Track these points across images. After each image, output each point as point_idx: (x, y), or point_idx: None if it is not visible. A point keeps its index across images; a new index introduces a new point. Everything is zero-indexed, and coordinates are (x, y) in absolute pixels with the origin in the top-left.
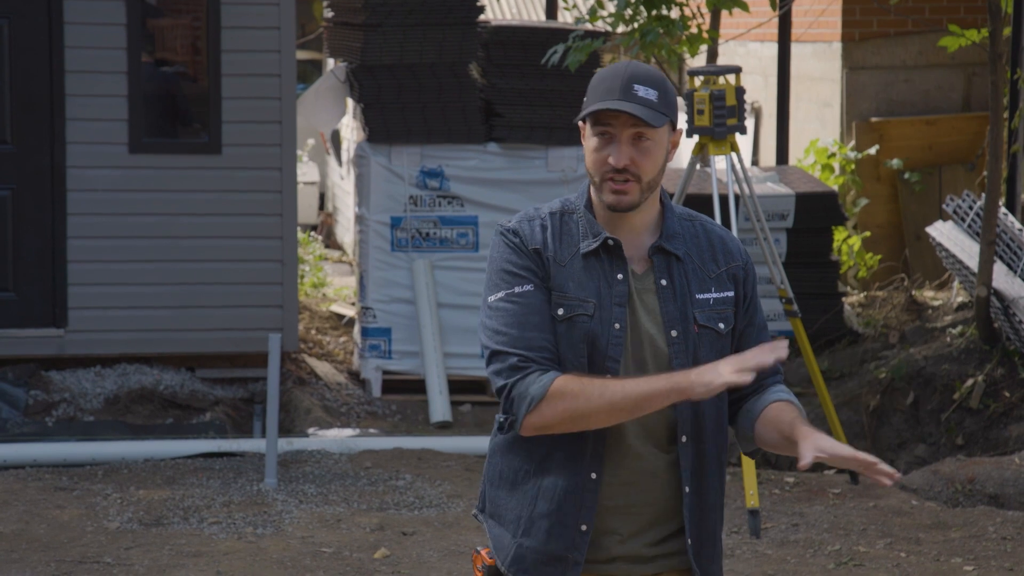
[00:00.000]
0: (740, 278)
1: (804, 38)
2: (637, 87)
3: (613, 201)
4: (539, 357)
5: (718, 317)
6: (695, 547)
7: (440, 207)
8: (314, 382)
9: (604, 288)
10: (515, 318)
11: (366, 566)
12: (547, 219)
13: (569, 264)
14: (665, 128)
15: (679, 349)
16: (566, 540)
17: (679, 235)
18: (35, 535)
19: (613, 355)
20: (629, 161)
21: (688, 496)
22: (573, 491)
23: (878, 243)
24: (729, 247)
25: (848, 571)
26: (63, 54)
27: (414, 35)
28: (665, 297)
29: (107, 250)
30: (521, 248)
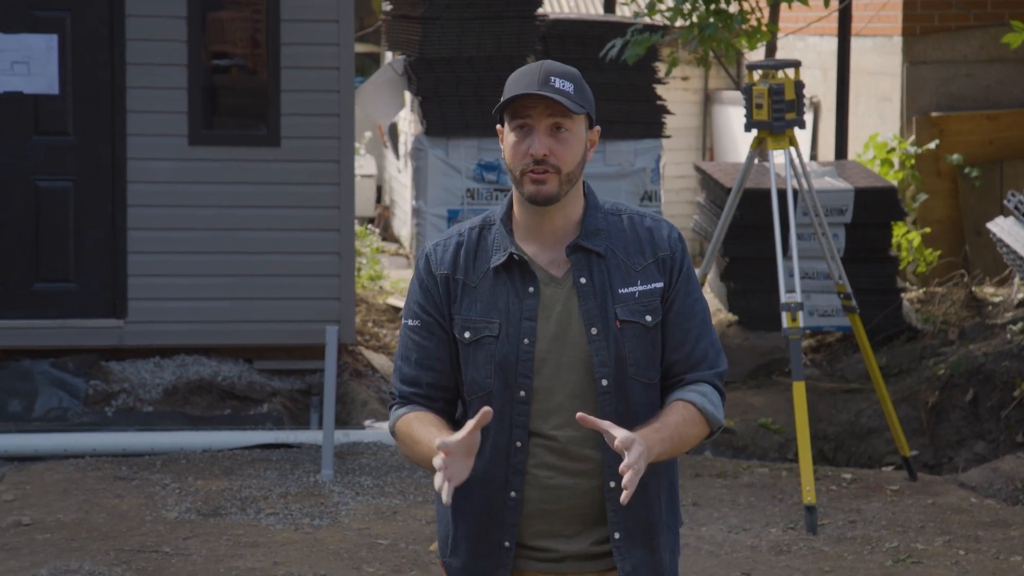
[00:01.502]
0: (667, 267)
1: (864, 32)
2: (554, 79)
3: (533, 191)
4: (405, 391)
5: (644, 310)
6: (625, 539)
7: (497, 200)
8: (371, 374)
9: (514, 304)
10: (402, 350)
11: (421, 558)
12: (465, 236)
13: (480, 283)
14: (583, 122)
15: (599, 346)
16: (491, 558)
17: (601, 231)
18: (95, 524)
19: (524, 371)
20: (548, 151)
21: (611, 490)
22: (492, 512)
23: (938, 239)
24: (655, 237)
25: (906, 568)
26: (124, 46)
27: (472, 28)
28: (585, 295)
29: (166, 241)
30: (426, 275)
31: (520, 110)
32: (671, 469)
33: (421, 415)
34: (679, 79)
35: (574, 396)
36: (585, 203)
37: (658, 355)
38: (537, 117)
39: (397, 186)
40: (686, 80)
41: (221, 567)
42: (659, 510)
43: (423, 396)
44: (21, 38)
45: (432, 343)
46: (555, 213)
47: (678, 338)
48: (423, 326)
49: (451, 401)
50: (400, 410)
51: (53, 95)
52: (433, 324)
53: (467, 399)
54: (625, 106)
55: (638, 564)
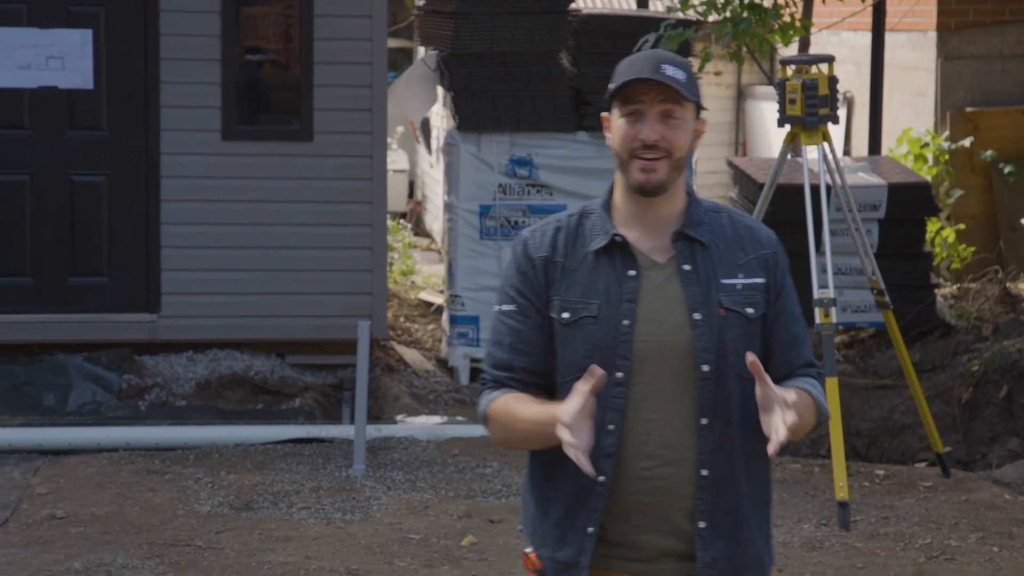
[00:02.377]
0: (771, 265)
1: (898, 27)
2: (666, 66)
3: (642, 180)
4: (498, 375)
5: (746, 302)
6: (709, 531)
7: (529, 196)
8: (402, 369)
9: (614, 286)
10: (495, 335)
11: (453, 553)
12: (564, 221)
13: (579, 267)
14: (692, 110)
15: (702, 332)
16: (573, 545)
17: (704, 224)
18: (128, 517)
19: (622, 353)
20: (659, 136)
21: (703, 478)
22: (579, 497)
23: (972, 234)
24: (757, 236)
25: (939, 565)
26: (158, 41)
27: (504, 23)
28: (688, 282)
29: (199, 236)
30: (523, 259)
31: (632, 96)
32: (767, 474)
33: (516, 395)
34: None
35: (673, 381)
36: (688, 196)
37: (756, 350)
38: (649, 103)
39: (429, 181)
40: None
41: (253, 561)
42: (748, 507)
43: (516, 380)
44: (56, 33)
45: (527, 327)
46: (660, 201)
47: (788, 339)
48: (519, 310)
49: (544, 388)
50: (492, 393)
51: (87, 90)
52: (529, 308)
53: (561, 381)
54: None
55: (719, 556)
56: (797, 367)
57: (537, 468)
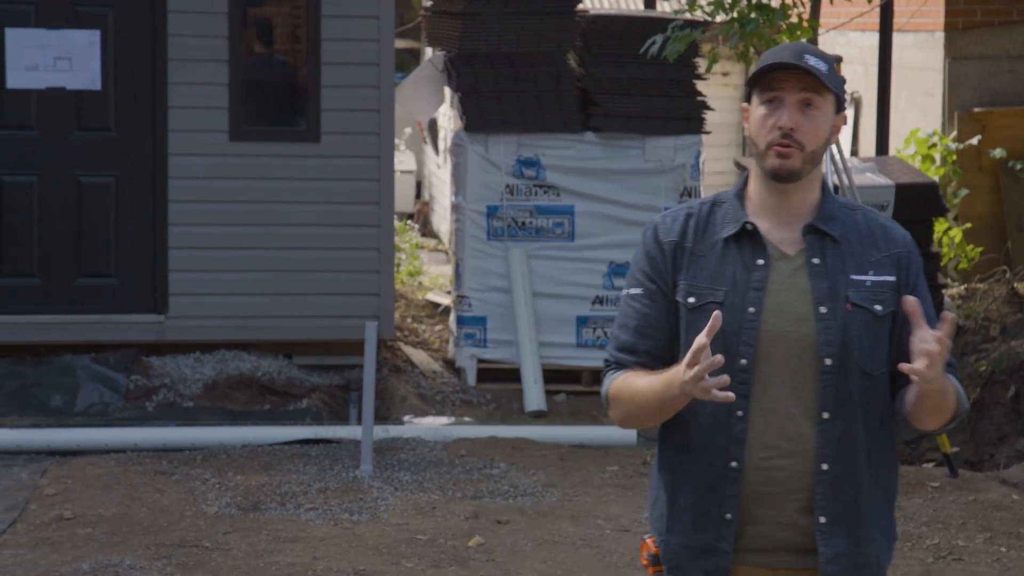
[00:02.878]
0: (903, 264)
1: (906, 27)
2: (808, 56)
3: (776, 165)
4: (622, 358)
5: (874, 299)
6: (830, 527)
7: (536, 196)
8: (409, 370)
9: (741, 274)
10: (621, 318)
11: (460, 554)
12: (696, 209)
13: (709, 253)
14: (832, 102)
15: (827, 325)
16: (712, 530)
17: (837, 219)
18: (136, 518)
19: (747, 340)
20: (795, 125)
21: (823, 473)
22: (714, 483)
23: (979, 235)
24: (891, 234)
25: (947, 565)
26: (166, 42)
27: (512, 24)
28: (816, 275)
29: (207, 237)
30: (653, 244)
31: (772, 83)
32: (891, 474)
33: (636, 371)
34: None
35: (795, 372)
36: (822, 191)
37: (884, 348)
38: (788, 91)
39: (436, 182)
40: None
41: (261, 562)
42: (870, 505)
43: (639, 363)
44: (64, 34)
45: (653, 311)
46: (794, 193)
47: None
48: (646, 293)
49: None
50: (615, 375)
51: (95, 91)
52: (656, 292)
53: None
54: (665, 102)
55: (840, 553)
56: None
57: (666, 456)
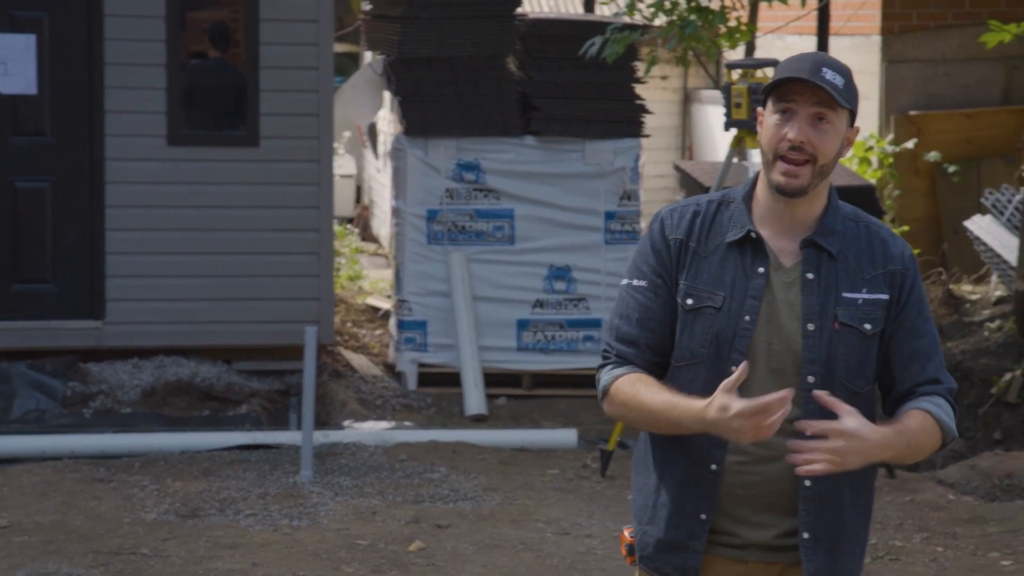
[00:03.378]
0: (897, 282)
1: (843, 31)
2: (826, 70)
3: (783, 183)
4: (623, 350)
5: (864, 318)
6: (811, 542)
7: (476, 200)
8: (350, 375)
9: (740, 280)
10: (622, 308)
11: (401, 558)
12: (703, 207)
13: (711, 255)
14: (845, 116)
15: (813, 343)
16: (686, 529)
17: (837, 233)
18: (73, 526)
19: (739, 347)
20: (806, 139)
21: (807, 489)
22: (693, 483)
23: (916, 237)
24: (890, 250)
25: (884, 565)
26: (103, 46)
27: (451, 28)
28: (809, 291)
29: (145, 242)
30: (659, 238)
31: (786, 94)
32: (871, 490)
33: (644, 377)
34: (658, 78)
35: (779, 385)
36: (828, 202)
37: (872, 366)
38: (802, 104)
39: (376, 186)
40: (665, 79)
41: (200, 569)
42: (851, 520)
43: (640, 357)
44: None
45: (656, 305)
46: (799, 204)
47: (909, 355)
48: (650, 286)
49: (662, 366)
50: (617, 369)
51: (31, 95)
52: (661, 286)
53: (675, 365)
54: (605, 105)
55: (820, 567)
56: (920, 383)
57: (653, 450)
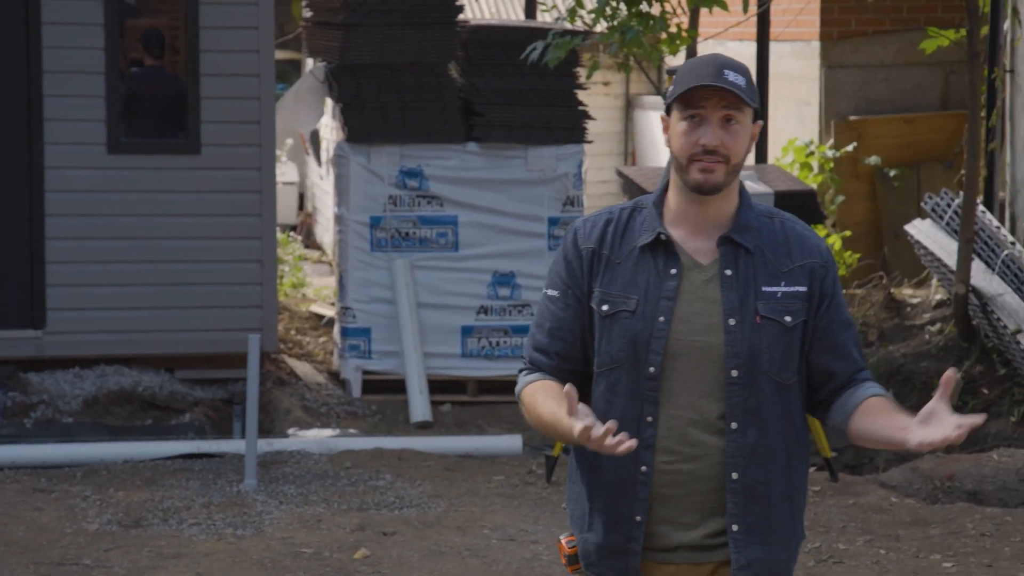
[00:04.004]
0: (817, 275)
1: (783, 37)
2: (728, 72)
3: (700, 180)
4: (535, 357)
5: (784, 310)
6: (743, 533)
7: (420, 207)
8: (294, 382)
9: (654, 283)
10: (538, 318)
11: (346, 566)
12: (616, 214)
13: (624, 261)
14: (750, 113)
15: (735, 338)
16: (623, 532)
17: (753, 229)
18: (13, 537)
19: (656, 349)
20: (720, 142)
21: (734, 482)
22: (624, 486)
23: (857, 241)
24: (806, 243)
25: (828, 568)
26: (40, 54)
27: (393, 34)
28: (728, 287)
29: (86, 251)
30: (572, 248)
31: (693, 100)
32: (804, 479)
33: (547, 384)
34: (600, 84)
35: (701, 381)
36: (740, 200)
37: (794, 358)
38: (711, 108)
39: (319, 193)
40: (607, 85)
41: None
42: (784, 512)
43: (551, 365)
44: None
45: (567, 314)
46: (711, 203)
47: (843, 346)
48: (562, 296)
49: (578, 373)
50: (529, 376)
51: None
52: (571, 296)
53: (598, 371)
54: (547, 112)
55: (753, 559)
56: (854, 373)
57: (583, 457)
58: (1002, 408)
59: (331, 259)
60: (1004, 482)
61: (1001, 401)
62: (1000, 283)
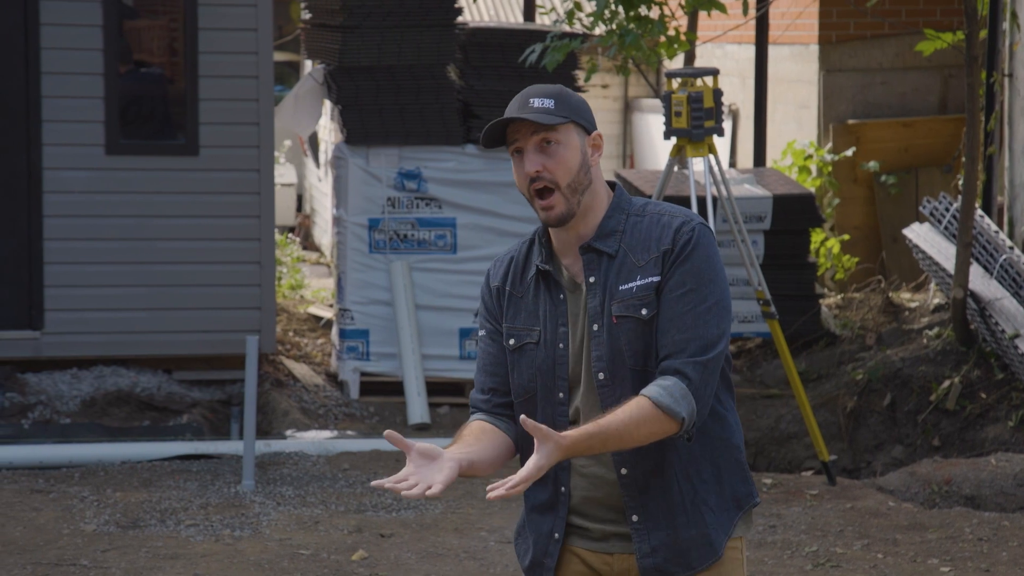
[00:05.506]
0: (668, 260)
1: (781, 40)
2: (533, 100)
3: (544, 217)
4: (475, 398)
5: (640, 304)
6: (643, 523)
7: (418, 209)
8: (292, 384)
9: (550, 311)
10: (478, 360)
11: (344, 568)
12: (517, 250)
13: (525, 293)
14: (571, 130)
15: (597, 342)
16: (542, 548)
17: (617, 232)
18: (11, 538)
19: (560, 374)
20: (540, 167)
21: (624, 477)
22: (548, 506)
23: (855, 245)
24: (667, 232)
25: (825, 572)
26: (39, 55)
27: (392, 37)
28: (592, 294)
29: (84, 252)
30: (485, 288)
31: (511, 136)
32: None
33: (466, 430)
34: (599, 87)
35: (588, 390)
36: (609, 206)
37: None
38: (524, 138)
39: (318, 195)
40: (606, 88)
41: None
42: (687, 491)
43: (486, 401)
44: None
45: (494, 349)
46: (577, 225)
47: (663, 325)
48: (487, 335)
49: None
50: (471, 419)
51: None
52: (494, 332)
53: (516, 401)
54: None
55: (658, 545)
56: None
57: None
58: (1000, 413)
59: (329, 261)
60: (1002, 487)
61: (999, 405)
62: (998, 287)
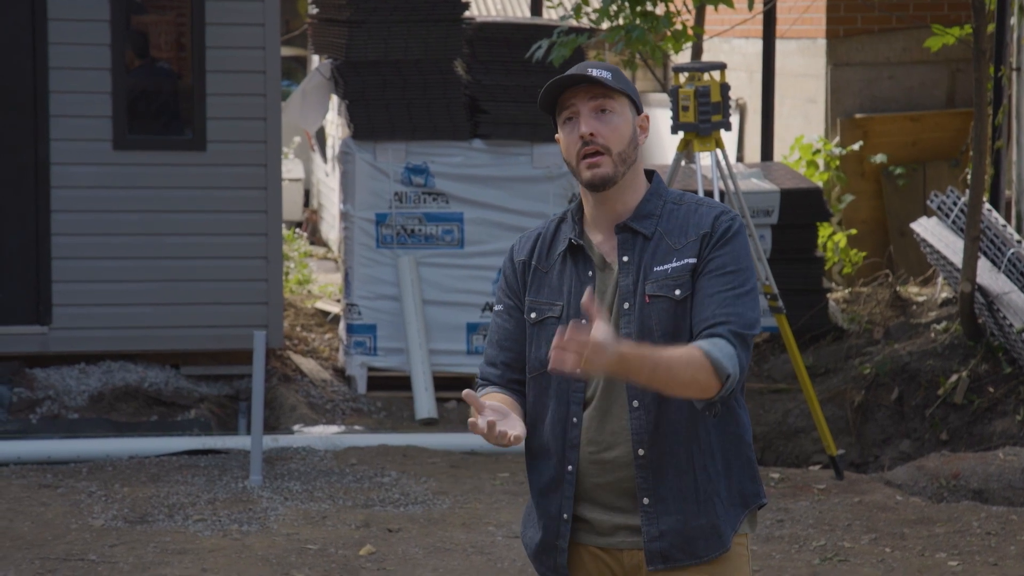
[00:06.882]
0: (705, 243)
1: (789, 34)
2: (591, 69)
3: (589, 176)
4: (486, 371)
5: (674, 284)
6: (653, 507)
7: (425, 204)
8: (299, 379)
9: (576, 287)
10: (489, 332)
11: (351, 563)
12: (545, 227)
13: (551, 269)
14: (627, 105)
15: (627, 320)
16: (553, 530)
17: (653, 216)
18: (19, 532)
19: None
20: (594, 130)
21: (640, 458)
22: (555, 485)
23: (862, 239)
24: (703, 218)
25: (833, 566)
26: (47, 50)
27: (399, 31)
28: (624, 272)
29: (91, 247)
30: (508, 263)
31: (565, 103)
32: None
33: (500, 397)
34: None
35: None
36: (647, 191)
37: (686, 328)
38: (581, 103)
39: (325, 190)
40: None
41: (148, 574)
42: (701, 479)
43: (499, 375)
44: None
45: (511, 325)
46: (615, 200)
47: (699, 302)
48: (505, 310)
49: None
50: (481, 390)
51: None
52: (513, 308)
53: (529, 377)
54: None
55: (666, 530)
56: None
57: (527, 460)
58: (1008, 407)
59: (336, 256)
60: (1010, 480)
61: (1007, 399)
62: (1006, 281)
